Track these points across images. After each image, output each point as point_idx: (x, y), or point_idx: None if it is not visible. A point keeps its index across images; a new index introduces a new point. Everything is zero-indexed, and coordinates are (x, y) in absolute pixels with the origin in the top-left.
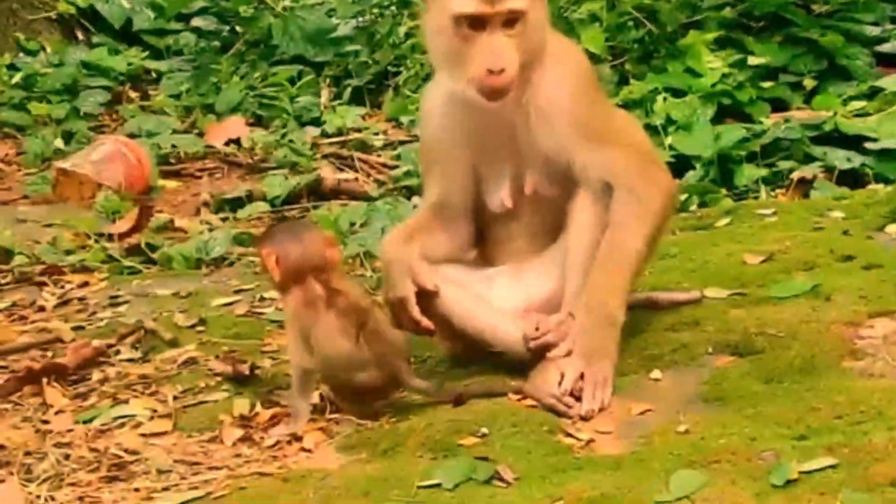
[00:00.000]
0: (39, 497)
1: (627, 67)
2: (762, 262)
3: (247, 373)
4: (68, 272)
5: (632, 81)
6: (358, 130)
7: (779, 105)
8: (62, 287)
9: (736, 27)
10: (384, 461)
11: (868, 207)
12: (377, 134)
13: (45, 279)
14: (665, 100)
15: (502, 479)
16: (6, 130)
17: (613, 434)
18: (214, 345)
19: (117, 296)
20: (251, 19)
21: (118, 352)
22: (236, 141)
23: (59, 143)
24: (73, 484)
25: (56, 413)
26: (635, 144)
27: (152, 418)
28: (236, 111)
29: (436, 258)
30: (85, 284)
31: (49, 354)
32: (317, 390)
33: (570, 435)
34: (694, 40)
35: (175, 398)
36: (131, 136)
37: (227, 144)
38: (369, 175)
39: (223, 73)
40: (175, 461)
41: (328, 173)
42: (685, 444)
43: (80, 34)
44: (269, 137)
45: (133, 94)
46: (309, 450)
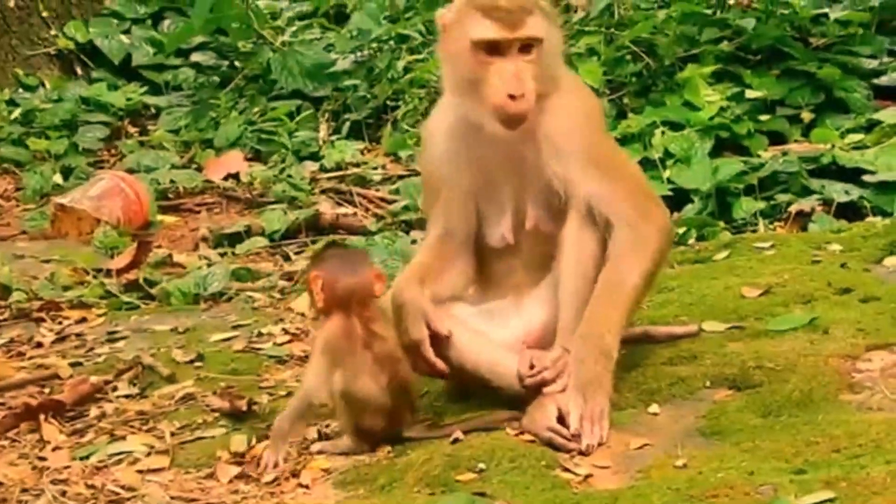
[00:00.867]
0: None
1: (625, 101)
2: (760, 296)
3: (244, 409)
4: (66, 308)
5: (630, 115)
6: (356, 165)
7: (776, 138)
8: (60, 323)
9: (733, 60)
10: (381, 497)
11: (866, 240)
12: (376, 168)
13: (43, 315)
14: (663, 133)
15: None
16: (5, 166)
17: (611, 469)
18: (212, 380)
19: (115, 331)
20: (250, 54)
21: (116, 388)
22: (235, 176)
23: (58, 179)
24: None
25: (53, 449)
26: (636, 182)
27: (149, 454)
28: (235, 146)
29: (441, 298)
30: (83, 320)
31: (46, 391)
32: (313, 426)
33: (568, 470)
34: (691, 74)
35: (172, 434)
36: (130, 172)
37: (226, 179)
38: (368, 210)
39: (222, 108)
40: (172, 498)
41: (327, 208)
42: (683, 479)
43: (79, 69)
44: (268, 172)
45: (132, 130)
46: (306, 486)
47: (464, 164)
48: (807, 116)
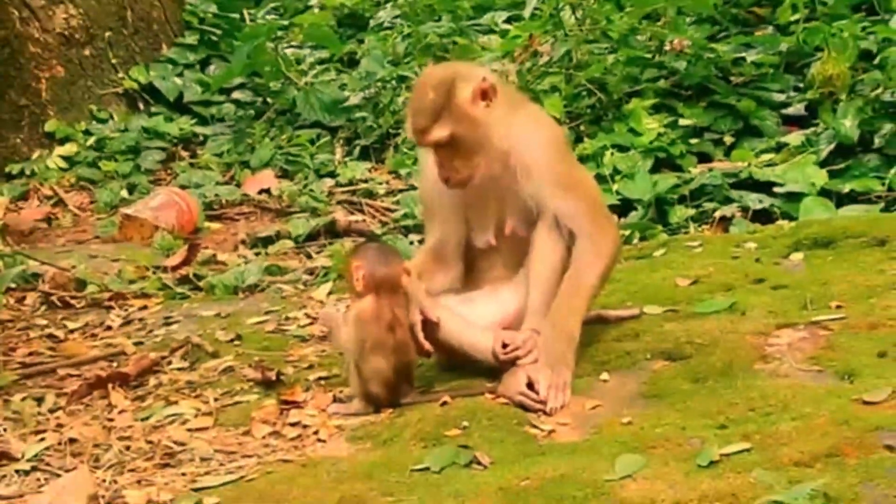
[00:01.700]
0: (105, 481)
1: (582, 128)
2: (690, 285)
3: (274, 378)
4: (131, 298)
5: (586, 140)
6: (365, 181)
7: (704, 157)
8: (126, 310)
9: (669, 95)
10: (384, 449)
11: (776, 239)
12: (381, 184)
13: (112, 304)
14: (612, 154)
15: (480, 463)
16: (82, 184)
17: (570, 425)
18: (248, 356)
19: (170, 317)
20: (279, 92)
21: (170, 362)
22: (267, 190)
23: (125, 194)
24: (133, 470)
25: (119, 412)
26: (594, 198)
27: (197, 416)
28: (267, 166)
29: (434, 292)
30: (144, 308)
31: (114, 365)
32: (335, 391)
33: (536, 426)
34: (635, 106)
35: (215, 399)
36: (182, 188)
37: (260, 193)
38: (374, 217)
39: (257, 136)
40: (215, 451)
41: (341, 216)
42: (628, 434)
43: (142, 105)
44: (294, 187)
45: (184, 154)
46: (324, 440)
47: (454, 191)
48: (728, 140)
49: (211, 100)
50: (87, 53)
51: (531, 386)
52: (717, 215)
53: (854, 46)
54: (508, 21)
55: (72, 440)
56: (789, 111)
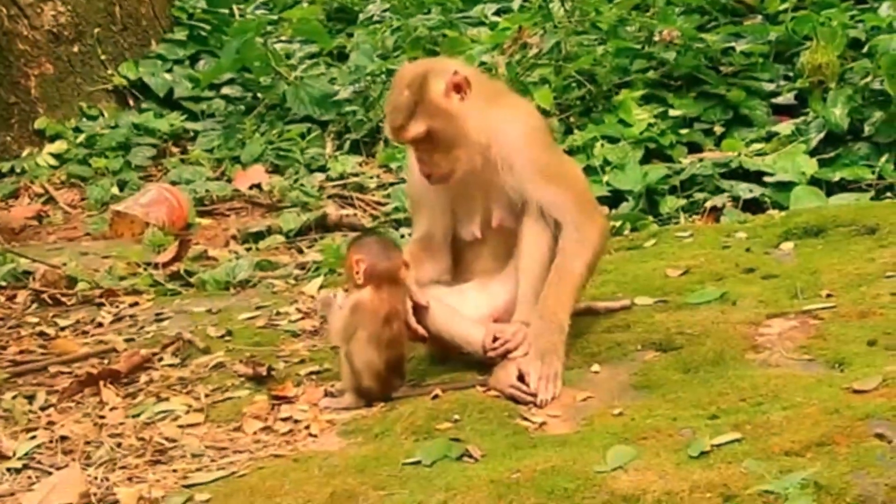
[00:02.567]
0: (96, 478)
1: (572, 120)
2: (681, 275)
3: (265, 374)
4: (122, 294)
5: (575, 131)
6: (356, 175)
7: (694, 147)
8: (117, 307)
9: (659, 86)
10: (376, 443)
11: (766, 229)
12: (371, 178)
13: (103, 300)
14: (602, 145)
15: (471, 456)
16: (72, 181)
17: (561, 417)
18: (239, 351)
19: (161, 313)
20: (269, 87)
21: (161, 359)
22: (258, 185)
23: (115, 190)
24: (124, 467)
25: (110, 409)
26: (579, 188)
27: (188, 412)
28: (258, 161)
29: (423, 282)
30: (135, 304)
31: (105, 362)
32: (327, 386)
33: (526, 419)
34: (625, 97)
35: (206, 395)
36: (173, 184)
37: (251, 188)
38: (365, 211)
39: (247, 131)
40: (206, 447)
41: (332, 210)
42: (619, 425)
43: (132, 102)
44: (285, 182)
45: (174, 150)
46: (315, 435)
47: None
48: (718, 130)
49: (201, 95)
50: (76, 50)
51: (522, 378)
52: (708, 205)
53: (843, 35)
54: (498, 13)
55: (63, 438)
56: (779, 100)
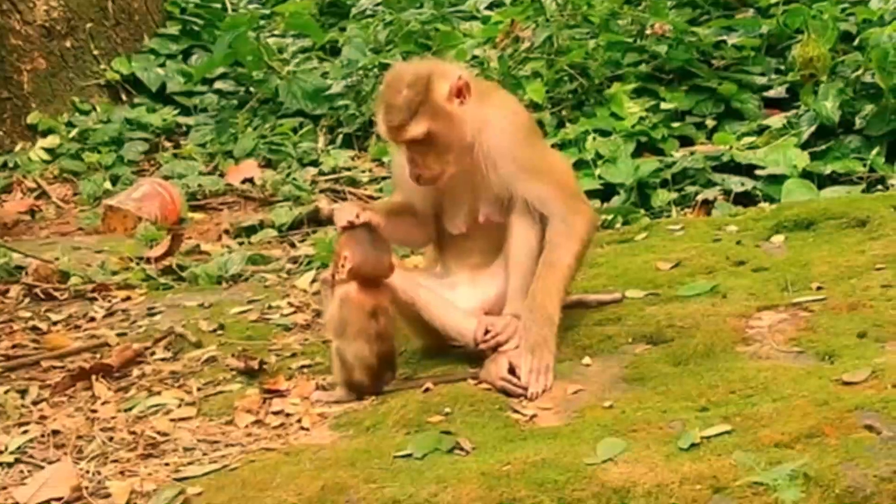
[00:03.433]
0: (88, 472)
1: (564, 113)
2: (672, 268)
3: (257, 367)
4: (114, 289)
5: (567, 125)
6: (348, 169)
7: (686, 141)
8: (109, 301)
9: (650, 79)
10: (367, 436)
11: (757, 222)
12: (364, 172)
13: (96, 295)
14: (594, 139)
15: (462, 449)
16: (65, 175)
17: (552, 410)
18: (231, 345)
19: (153, 307)
20: (262, 81)
21: (153, 353)
22: (250, 180)
23: (108, 185)
24: (116, 461)
25: (102, 403)
26: (564, 181)
27: (180, 406)
28: (250, 156)
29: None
30: (128, 299)
31: (97, 356)
32: (318, 379)
33: (517, 412)
34: (617, 90)
35: (198, 389)
36: (165, 178)
37: (243, 183)
38: None
39: (239, 126)
40: (198, 441)
41: (324, 204)
42: (610, 417)
43: (124, 96)
44: (277, 176)
45: (167, 144)
46: (307, 428)
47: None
48: (710, 123)
49: (193, 90)
50: (69, 45)
51: (513, 371)
52: (699, 198)
53: (834, 28)
54: (490, 7)
55: (55, 432)
56: (770, 94)
